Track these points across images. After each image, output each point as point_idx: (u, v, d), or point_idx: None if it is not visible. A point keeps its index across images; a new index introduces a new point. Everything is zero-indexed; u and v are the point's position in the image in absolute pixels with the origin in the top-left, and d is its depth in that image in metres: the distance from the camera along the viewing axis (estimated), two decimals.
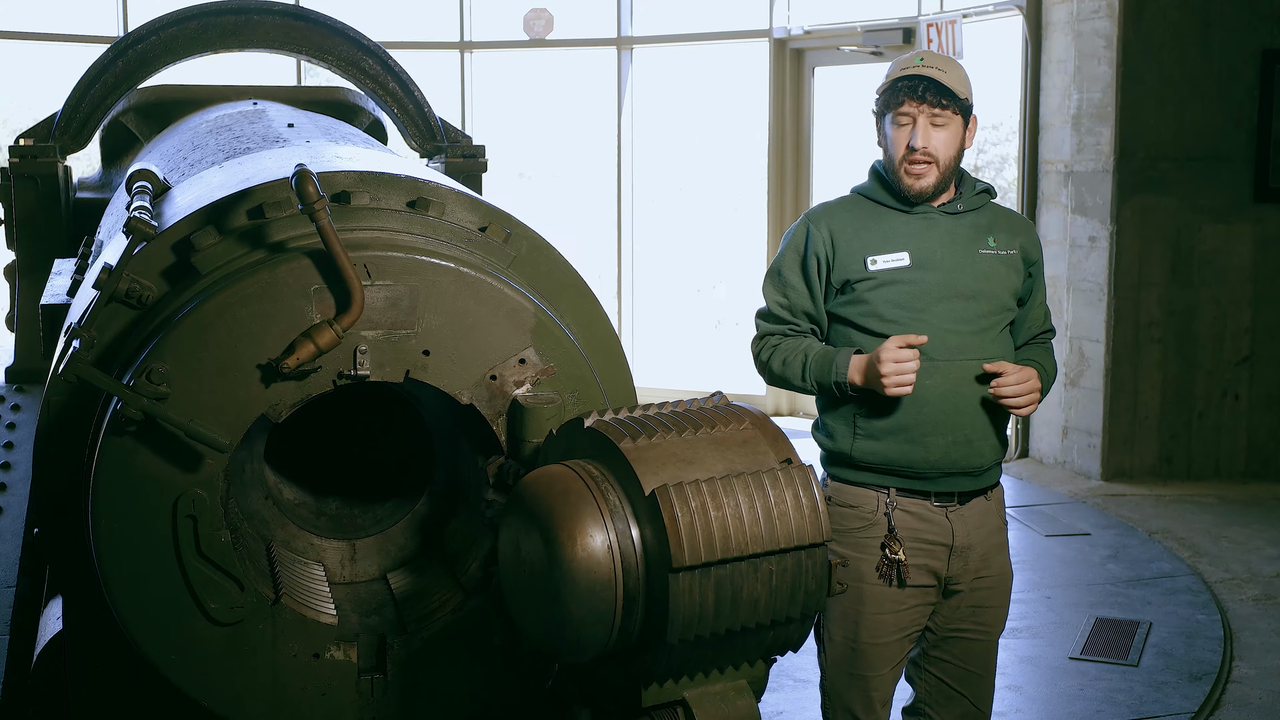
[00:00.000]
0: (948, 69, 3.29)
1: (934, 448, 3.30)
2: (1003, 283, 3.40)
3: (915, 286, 3.34)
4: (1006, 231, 3.43)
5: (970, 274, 3.36)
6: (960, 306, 3.34)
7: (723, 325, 13.20)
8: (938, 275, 3.34)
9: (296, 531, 3.04)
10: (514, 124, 11.77)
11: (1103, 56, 7.78)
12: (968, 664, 3.45)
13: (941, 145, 3.28)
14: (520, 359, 2.72)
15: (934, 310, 3.33)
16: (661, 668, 2.38)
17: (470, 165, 5.45)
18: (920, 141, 3.27)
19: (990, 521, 3.40)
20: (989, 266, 3.38)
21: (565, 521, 2.32)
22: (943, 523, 3.33)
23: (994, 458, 3.40)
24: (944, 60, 3.33)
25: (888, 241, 3.36)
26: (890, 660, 3.44)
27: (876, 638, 3.36)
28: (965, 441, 3.32)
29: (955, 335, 3.32)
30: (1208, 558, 6.48)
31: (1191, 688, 4.91)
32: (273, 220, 2.70)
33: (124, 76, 5.22)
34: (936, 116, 3.26)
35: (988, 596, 3.41)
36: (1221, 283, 7.88)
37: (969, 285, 3.36)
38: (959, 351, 3.32)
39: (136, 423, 2.50)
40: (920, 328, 3.30)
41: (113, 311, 2.68)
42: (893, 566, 3.30)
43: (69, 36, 9.85)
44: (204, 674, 2.65)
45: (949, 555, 3.33)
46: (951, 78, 3.27)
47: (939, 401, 3.29)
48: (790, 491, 2.40)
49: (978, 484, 3.38)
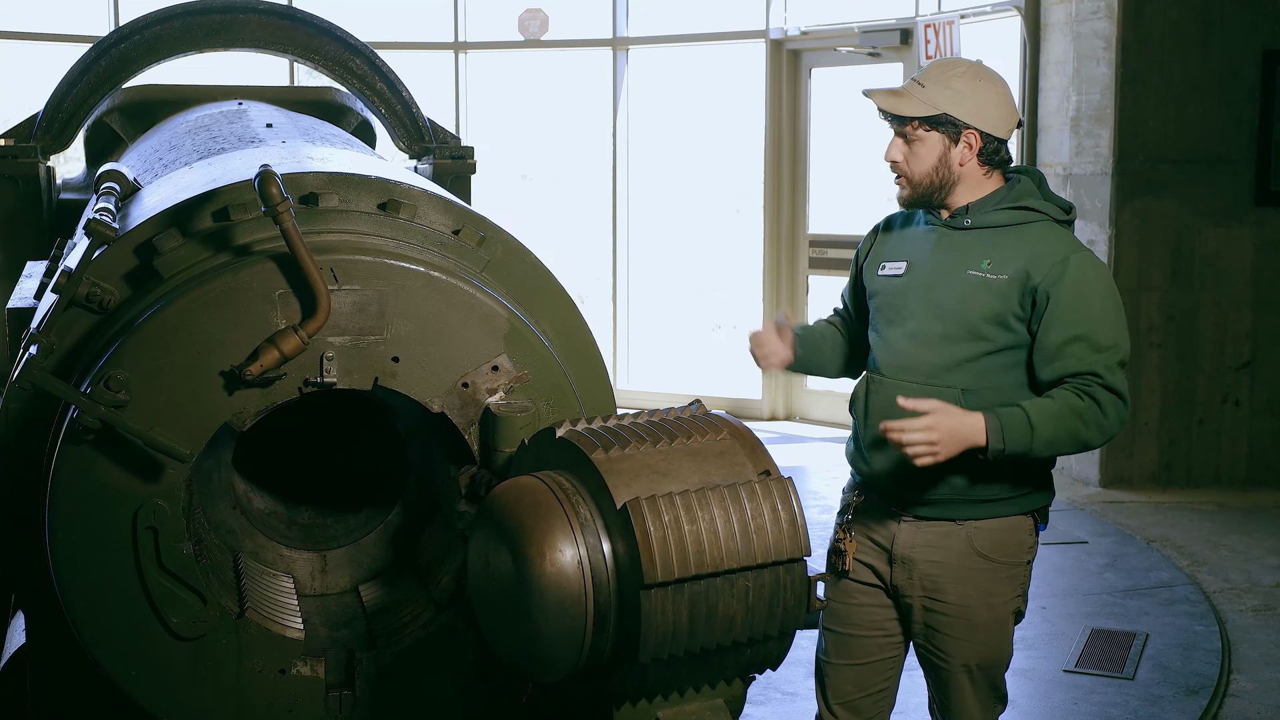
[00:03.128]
0: (931, 84, 3.14)
1: (874, 462, 3.21)
2: (979, 309, 3.12)
3: (896, 298, 3.25)
4: (1015, 255, 3.13)
5: (948, 293, 3.16)
6: (926, 325, 3.17)
7: (722, 328, 13.12)
8: (915, 289, 3.21)
9: (265, 542, 2.97)
10: (509, 125, 11.69)
11: (1102, 58, 7.70)
12: (938, 688, 3.33)
13: (913, 161, 3.17)
14: (493, 366, 2.64)
15: (901, 324, 3.22)
16: (634, 687, 2.31)
17: (459, 167, 5.37)
18: (887, 155, 3.23)
19: (953, 545, 3.18)
20: (970, 289, 3.13)
21: (534, 535, 2.25)
22: (891, 526, 3.25)
23: (949, 494, 3.14)
24: (930, 72, 3.19)
25: (899, 249, 3.30)
26: (843, 654, 3.33)
27: (831, 623, 3.35)
28: (904, 462, 3.06)
29: (910, 355, 3.18)
30: (1207, 567, 6.40)
31: (1188, 701, 4.83)
32: (238, 223, 2.62)
33: (107, 76, 5.14)
34: (900, 132, 3.18)
35: (944, 623, 3.23)
36: (1222, 287, 7.80)
37: (942, 304, 3.16)
38: (909, 371, 3.17)
39: (95, 431, 2.43)
40: (888, 343, 3.23)
41: (73, 316, 2.61)
42: (835, 554, 3.31)
43: (60, 36, 9.79)
44: (166, 690, 2.58)
45: (889, 561, 3.25)
46: (928, 92, 3.12)
47: (879, 418, 3.17)
48: (768, 504, 2.33)
49: (936, 512, 3.19)
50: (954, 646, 3.24)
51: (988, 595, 3.21)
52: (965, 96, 3.13)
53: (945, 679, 3.29)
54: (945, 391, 3.11)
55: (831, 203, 9.99)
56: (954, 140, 3.15)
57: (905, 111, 3.15)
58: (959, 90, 3.14)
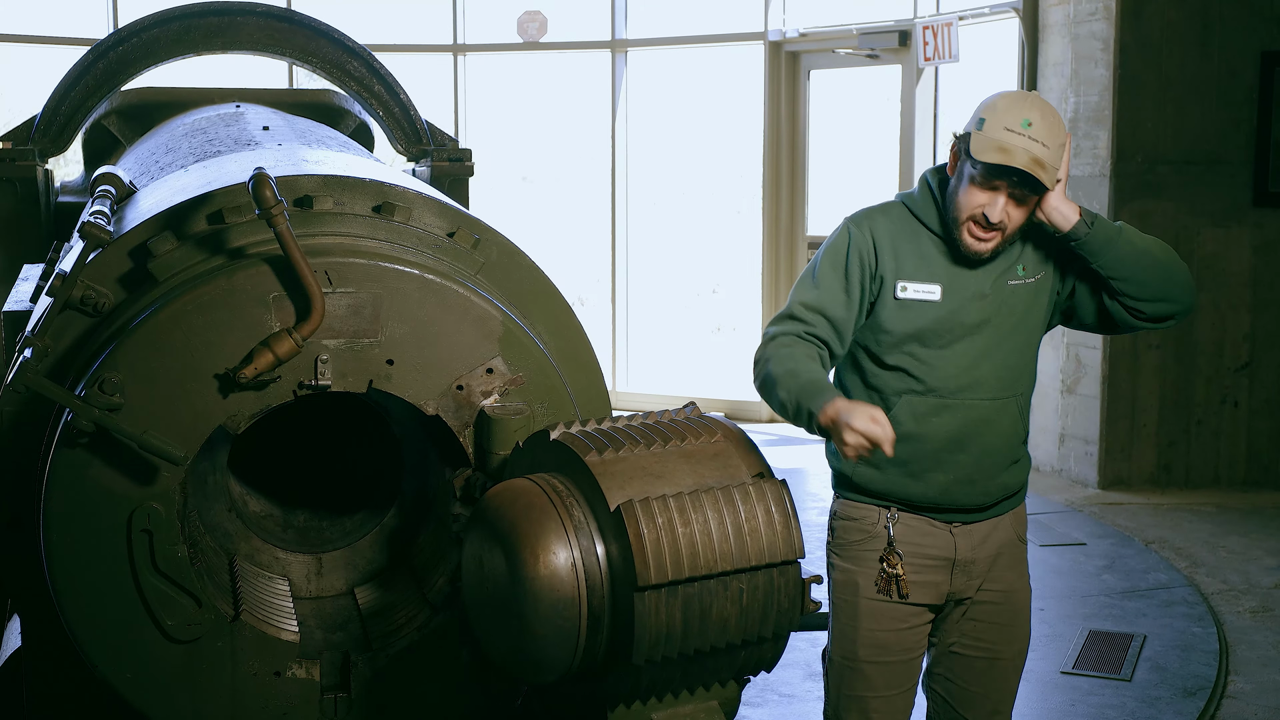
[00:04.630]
0: (1052, 143, 2.96)
1: (933, 484, 3.17)
2: (1029, 314, 3.17)
3: (942, 323, 3.11)
4: (1037, 249, 3.15)
5: (998, 308, 3.13)
6: (983, 342, 3.13)
7: (723, 330, 13.12)
8: (965, 310, 3.11)
9: (261, 545, 2.97)
10: (509, 127, 11.71)
11: (1100, 59, 7.70)
12: (968, 683, 3.26)
13: (1018, 219, 3.04)
14: (488, 368, 2.65)
15: (956, 347, 3.12)
16: (628, 689, 2.31)
17: (457, 169, 5.37)
18: (997, 218, 3.01)
19: (1000, 535, 3.24)
20: (1017, 298, 3.14)
21: (528, 538, 2.25)
22: (945, 537, 3.21)
23: (1000, 494, 3.21)
24: (1049, 129, 2.96)
25: (921, 269, 3.13)
26: (895, 684, 3.24)
27: (876, 656, 3.21)
28: (967, 480, 3.14)
29: (971, 373, 3.13)
30: (1205, 568, 6.40)
31: (1185, 703, 4.82)
32: (232, 225, 2.63)
33: (105, 79, 5.14)
34: (1022, 196, 3.00)
35: (990, 612, 3.23)
36: (1220, 288, 7.80)
37: (996, 320, 3.13)
38: (971, 390, 3.13)
39: (89, 434, 2.43)
40: (942, 365, 3.11)
41: (68, 319, 2.61)
42: (890, 581, 3.19)
43: (58, 39, 9.79)
44: (161, 693, 2.58)
45: (951, 570, 3.21)
46: (1053, 154, 2.97)
47: (944, 440, 3.11)
48: (762, 507, 2.33)
49: (985, 516, 3.22)
50: (1002, 635, 3.25)
51: (1021, 576, 3.31)
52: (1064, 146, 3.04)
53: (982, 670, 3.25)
54: (1010, 403, 3.18)
55: (830, 204, 9.99)
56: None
57: (1049, 182, 2.99)
58: (1062, 140, 3.02)
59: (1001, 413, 3.17)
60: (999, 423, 3.17)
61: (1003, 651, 3.27)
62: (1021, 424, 3.23)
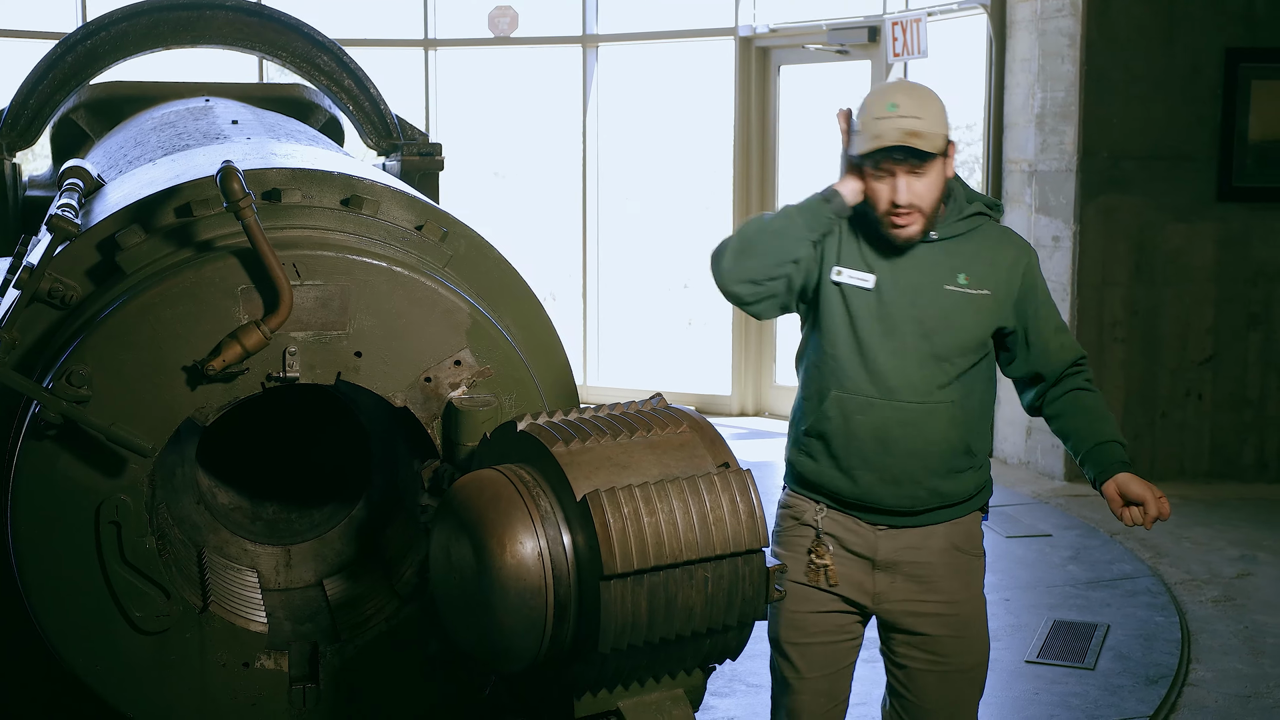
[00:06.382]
0: (924, 113, 3.06)
1: (860, 481, 3.20)
2: (965, 326, 3.16)
3: (871, 312, 3.18)
4: (986, 264, 3.18)
5: (930, 310, 3.15)
6: (915, 343, 3.16)
7: (694, 324, 13.13)
8: (897, 304, 3.17)
9: (229, 537, 2.98)
10: (480, 122, 11.68)
11: (1066, 55, 7.77)
12: (921, 699, 3.28)
13: (925, 191, 3.10)
14: (456, 360, 2.66)
15: (882, 343, 3.17)
16: (594, 677, 2.33)
17: (427, 163, 5.37)
18: (903, 198, 3.09)
19: (935, 544, 3.22)
20: (952, 305, 3.15)
21: (495, 528, 2.27)
22: (869, 536, 3.23)
23: (936, 502, 3.20)
24: (917, 102, 3.07)
25: (858, 257, 3.20)
26: (814, 666, 3.29)
27: (795, 637, 3.29)
28: (893, 481, 3.16)
29: (897, 374, 3.16)
30: (1169, 559, 6.47)
31: (1148, 691, 4.89)
32: (200, 218, 2.64)
33: (73, 72, 5.12)
34: (916, 169, 3.09)
35: (936, 624, 3.23)
36: (1185, 282, 7.88)
37: (926, 322, 3.15)
38: (897, 392, 3.16)
39: (57, 426, 2.44)
40: (865, 358, 3.18)
41: (36, 312, 2.61)
42: (819, 571, 3.25)
43: (26, 32, 9.72)
44: (129, 684, 2.59)
45: (874, 570, 3.24)
46: (928, 123, 3.06)
47: (868, 438, 3.16)
48: (727, 496, 2.35)
49: (914, 522, 3.21)
50: (951, 647, 3.23)
51: (968, 587, 3.28)
52: (941, 112, 3.12)
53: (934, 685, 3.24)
54: (939, 408, 3.17)
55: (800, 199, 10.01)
56: (946, 158, 3.13)
57: (932, 148, 3.07)
58: (937, 108, 3.11)
59: (930, 417, 3.17)
60: (926, 427, 3.17)
61: (954, 664, 3.25)
62: (958, 434, 3.19)
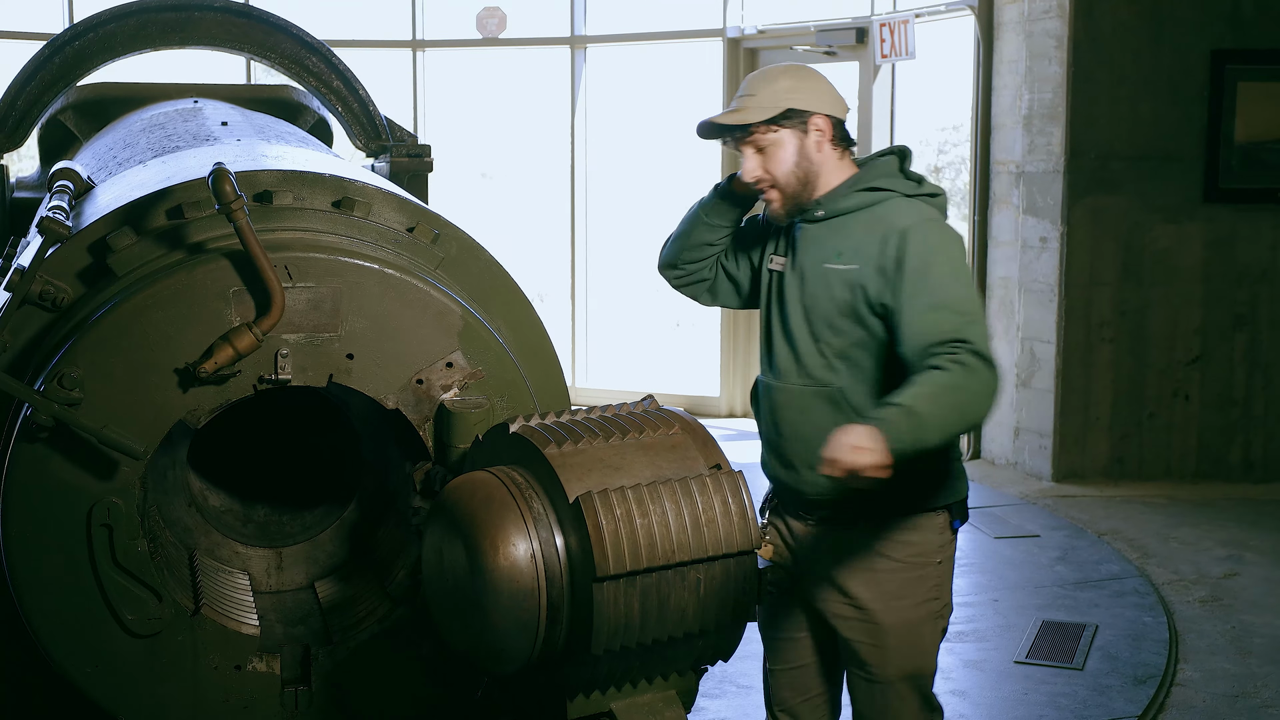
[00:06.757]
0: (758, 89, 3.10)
1: (768, 465, 3.25)
2: (834, 303, 3.08)
3: (776, 296, 3.21)
4: (860, 239, 3.06)
5: (810, 290, 3.12)
6: (796, 325, 3.15)
7: (682, 325, 13.13)
8: (790, 288, 3.17)
9: (221, 539, 2.98)
10: (468, 123, 11.69)
11: (1053, 56, 7.79)
12: (857, 703, 3.27)
13: (773, 165, 3.11)
14: (447, 362, 2.67)
15: (778, 326, 3.19)
16: (587, 678, 2.34)
17: (416, 165, 5.36)
18: (750, 175, 3.14)
19: (851, 550, 3.14)
20: (826, 284, 3.09)
21: (488, 529, 2.28)
22: (795, 528, 3.24)
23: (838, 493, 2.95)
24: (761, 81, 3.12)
25: (780, 242, 3.24)
26: (782, 659, 3.34)
27: (766, 629, 3.37)
28: (788, 465, 3.15)
29: (785, 356, 3.17)
30: (1156, 559, 6.49)
31: (1136, 691, 4.90)
32: (192, 220, 2.63)
33: (61, 74, 5.10)
34: (750, 144, 3.11)
35: (850, 629, 3.17)
36: (1172, 283, 7.91)
37: (806, 303, 3.12)
38: (785, 374, 3.16)
39: (48, 429, 2.44)
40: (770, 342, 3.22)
41: (27, 314, 2.61)
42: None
43: (13, 34, 9.69)
44: (121, 687, 2.59)
45: (795, 563, 3.25)
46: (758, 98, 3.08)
47: (768, 422, 3.22)
48: (719, 498, 2.36)
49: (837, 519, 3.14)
50: (875, 656, 3.16)
51: (894, 597, 3.13)
52: (797, 89, 3.12)
53: (864, 693, 3.21)
54: (825, 392, 3.09)
55: None
56: (804, 131, 3.11)
57: (750, 120, 3.09)
58: (788, 86, 3.12)
59: (812, 400, 3.10)
60: (811, 411, 3.11)
61: (876, 675, 3.19)
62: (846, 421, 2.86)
